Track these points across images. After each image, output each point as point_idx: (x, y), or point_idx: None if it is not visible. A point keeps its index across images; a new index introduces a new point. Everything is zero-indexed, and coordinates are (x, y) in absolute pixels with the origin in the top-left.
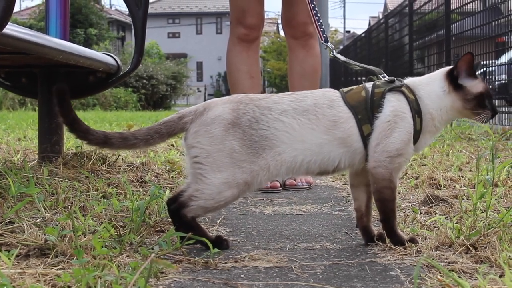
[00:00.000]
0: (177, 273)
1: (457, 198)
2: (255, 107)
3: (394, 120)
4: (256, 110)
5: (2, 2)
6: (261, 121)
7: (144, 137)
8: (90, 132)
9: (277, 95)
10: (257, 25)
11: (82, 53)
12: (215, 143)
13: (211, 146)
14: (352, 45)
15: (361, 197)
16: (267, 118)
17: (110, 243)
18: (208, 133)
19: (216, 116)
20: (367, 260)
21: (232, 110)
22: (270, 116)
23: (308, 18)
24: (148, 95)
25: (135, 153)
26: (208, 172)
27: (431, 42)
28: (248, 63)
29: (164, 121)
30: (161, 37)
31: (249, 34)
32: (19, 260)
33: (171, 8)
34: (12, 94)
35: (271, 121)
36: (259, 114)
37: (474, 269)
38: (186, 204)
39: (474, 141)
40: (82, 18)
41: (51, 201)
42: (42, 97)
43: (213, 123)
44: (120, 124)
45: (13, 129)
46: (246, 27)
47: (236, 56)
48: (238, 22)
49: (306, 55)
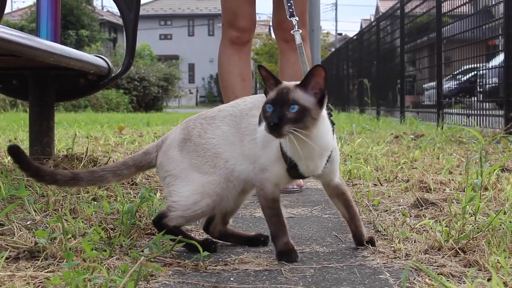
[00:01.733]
0: (167, 276)
1: (447, 201)
2: (203, 120)
3: None
4: (203, 122)
5: None
6: (207, 131)
7: (112, 169)
8: (57, 173)
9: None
10: (249, 28)
11: (73, 55)
12: (177, 164)
13: (175, 169)
14: (344, 48)
15: (339, 207)
16: (211, 126)
17: (100, 246)
18: (169, 158)
19: (170, 141)
20: (356, 264)
21: (182, 130)
22: (214, 124)
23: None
24: (139, 97)
25: (127, 155)
26: (179, 188)
27: (423, 45)
28: (240, 66)
29: (131, 156)
30: (153, 38)
31: (241, 36)
32: (8, 263)
33: (163, 10)
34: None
35: (214, 129)
36: (206, 124)
37: (462, 272)
38: (166, 214)
39: (465, 144)
40: (73, 20)
41: (41, 203)
42: (33, 99)
43: (169, 149)
44: (111, 126)
45: (4, 131)
46: (237, 30)
47: (227, 59)
48: (229, 25)
49: (297, 58)
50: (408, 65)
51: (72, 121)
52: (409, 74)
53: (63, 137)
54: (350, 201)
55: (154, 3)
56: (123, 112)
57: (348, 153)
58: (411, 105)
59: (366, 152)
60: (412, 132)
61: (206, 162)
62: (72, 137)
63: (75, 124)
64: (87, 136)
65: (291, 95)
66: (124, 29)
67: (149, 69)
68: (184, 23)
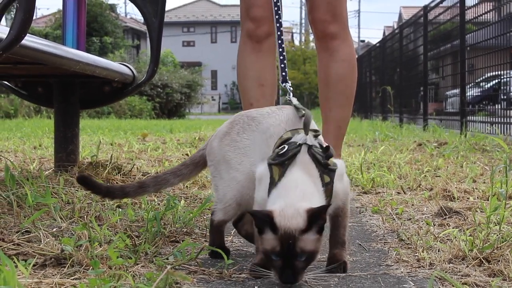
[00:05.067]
0: (192, 284)
1: (471, 210)
2: (246, 118)
3: None
4: (246, 121)
5: (20, 15)
6: (246, 131)
7: (172, 171)
8: (125, 187)
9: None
10: (265, 17)
11: (98, 63)
12: (215, 156)
13: (214, 159)
14: (367, 55)
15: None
16: (250, 127)
17: (125, 253)
18: (211, 148)
19: (217, 132)
20: (380, 272)
21: (229, 123)
22: (253, 125)
23: (328, 15)
24: (162, 104)
25: (150, 163)
26: (216, 181)
27: (446, 52)
28: (257, 68)
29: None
30: (176, 45)
31: (256, 28)
32: (35, 270)
33: (186, 16)
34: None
35: (251, 131)
36: (246, 124)
37: (487, 282)
38: (213, 209)
39: (489, 153)
40: (97, 27)
41: (67, 210)
42: (58, 106)
43: (214, 139)
44: (134, 133)
45: (29, 137)
46: (252, 20)
47: (243, 60)
48: (245, 15)
49: (329, 60)
50: (431, 72)
51: (96, 128)
52: (432, 82)
53: (87, 143)
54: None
55: (177, 10)
56: (146, 118)
57: (371, 161)
58: (434, 113)
59: (389, 160)
60: (435, 140)
61: (234, 158)
62: (97, 144)
63: (98, 131)
64: (111, 143)
65: (298, 246)
66: (149, 37)
67: (172, 76)
68: (207, 30)
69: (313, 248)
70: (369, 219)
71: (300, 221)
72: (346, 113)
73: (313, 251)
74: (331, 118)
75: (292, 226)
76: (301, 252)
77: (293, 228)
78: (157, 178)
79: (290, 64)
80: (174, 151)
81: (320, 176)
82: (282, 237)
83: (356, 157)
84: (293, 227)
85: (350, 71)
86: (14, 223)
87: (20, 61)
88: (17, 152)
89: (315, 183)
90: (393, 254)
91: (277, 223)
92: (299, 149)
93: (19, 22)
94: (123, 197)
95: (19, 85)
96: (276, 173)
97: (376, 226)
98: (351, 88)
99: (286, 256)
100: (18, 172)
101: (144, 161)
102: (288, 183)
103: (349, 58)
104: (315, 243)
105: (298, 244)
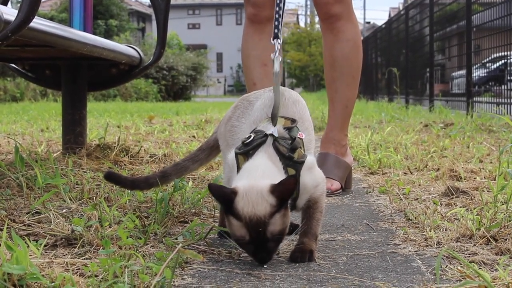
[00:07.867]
0: (201, 263)
1: (478, 190)
2: (246, 102)
3: None
4: (246, 105)
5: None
6: (245, 115)
7: (190, 157)
8: (149, 177)
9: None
10: (265, 2)
11: (105, 45)
12: (222, 140)
13: (222, 144)
14: (372, 36)
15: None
16: (248, 111)
17: (135, 234)
18: (219, 134)
19: (224, 116)
20: (388, 251)
21: (233, 107)
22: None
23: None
24: (168, 86)
25: (157, 145)
26: (224, 163)
27: (452, 33)
28: (260, 48)
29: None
30: (181, 28)
31: (257, 13)
32: (46, 250)
33: None
34: (33, 85)
35: (248, 115)
36: (244, 109)
37: (494, 260)
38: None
39: (495, 133)
40: (103, 9)
41: (76, 192)
42: (66, 89)
43: (221, 125)
44: (141, 115)
45: (36, 120)
46: (253, 6)
47: (246, 40)
48: (247, 0)
49: (334, 40)
50: (437, 53)
51: (102, 111)
52: (438, 63)
53: (94, 126)
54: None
55: None
56: (152, 101)
57: (378, 142)
58: (440, 94)
59: (396, 141)
60: (442, 121)
61: (235, 143)
62: (104, 127)
63: (105, 114)
64: (118, 126)
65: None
66: (155, 19)
67: (177, 58)
68: (212, 12)
69: (283, 227)
70: (376, 199)
71: (266, 206)
72: (352, 93)
73: (283, 228)
74: (337, 98)
75: (260, 213)
76: (272, 236)
77: (261, 215)
78: (177, 166)
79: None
80: (181, 133)
81: (284, 168)
82: (250, 226)
83: (362, 138)
84: (260, 214)
85: (355, 50)
86: (24, 205)
87: (28, 44)
88: (25, 135)
89: (279, 169)
90: (401, 233)
91: (240, 209)
92: (265, 139)
93: (27, 4)
94: (149, 187)
95: (26, 67)
96: (242, 163)
97: (383, 206)
98: (356, 67)
99: (257, 242)
100: (27, 155)
101: (151, 143)
102: (250, 166)
103: (354, 37)
104: (283, 219)
105: (268, 229)
